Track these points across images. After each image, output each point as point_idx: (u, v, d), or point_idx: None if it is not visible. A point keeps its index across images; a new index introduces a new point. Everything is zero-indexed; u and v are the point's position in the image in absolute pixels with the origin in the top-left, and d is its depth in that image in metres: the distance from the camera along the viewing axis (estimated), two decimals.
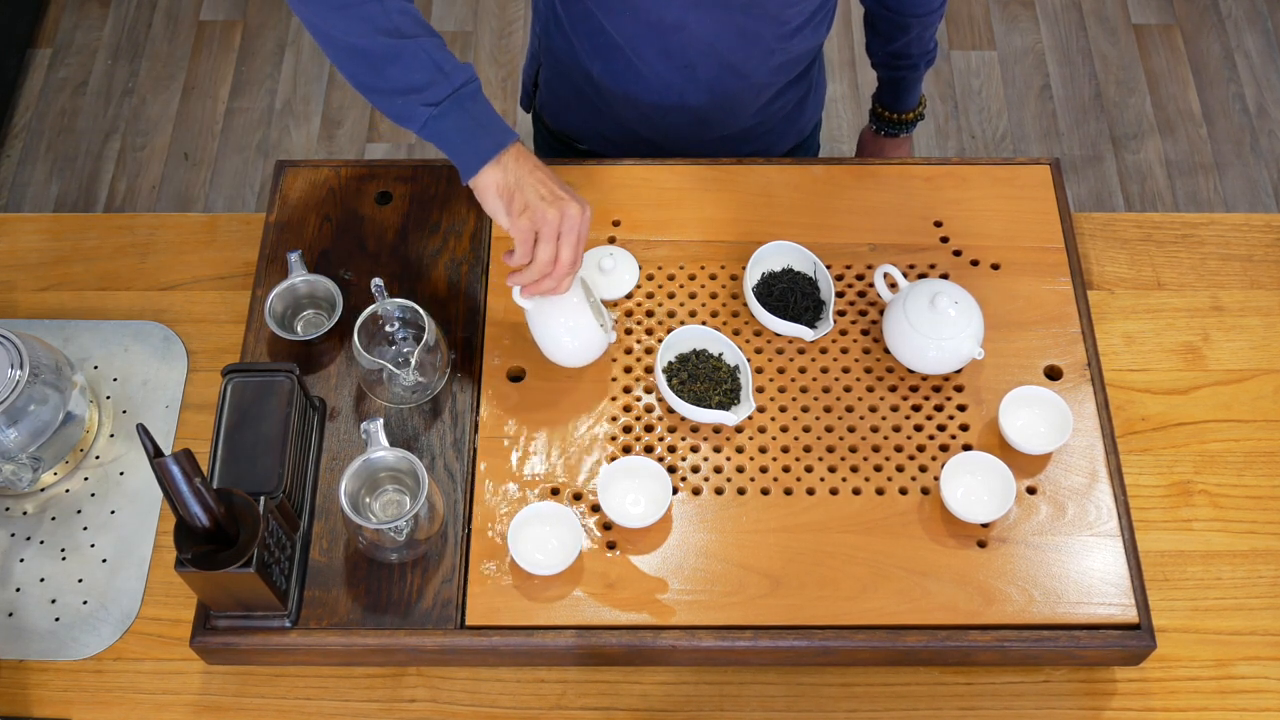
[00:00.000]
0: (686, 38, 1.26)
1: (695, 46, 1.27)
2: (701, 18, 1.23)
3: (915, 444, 1.16)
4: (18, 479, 1.18)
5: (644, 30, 1.26)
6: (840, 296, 1.24)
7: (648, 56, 1.29)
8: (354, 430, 1.17)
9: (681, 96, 1.32)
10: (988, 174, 1.32)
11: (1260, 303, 1.31)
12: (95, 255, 1.35)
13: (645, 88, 1.32)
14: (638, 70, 1.30)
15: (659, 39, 1.26)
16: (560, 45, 1.37)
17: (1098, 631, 1.07)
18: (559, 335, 1.13)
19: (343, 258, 1.27)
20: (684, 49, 1.27)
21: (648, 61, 1.29)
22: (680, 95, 1.32)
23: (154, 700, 1.11)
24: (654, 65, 1.29)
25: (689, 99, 1.33)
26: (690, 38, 1.25)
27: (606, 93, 1.36)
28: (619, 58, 1.30)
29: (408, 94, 1.08)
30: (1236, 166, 2.46)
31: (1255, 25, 2.64)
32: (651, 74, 1.30)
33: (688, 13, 1.22)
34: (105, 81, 2.58)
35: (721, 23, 1.24)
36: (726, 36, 1.25)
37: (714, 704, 1.11)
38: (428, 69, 1.08)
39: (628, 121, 1.39)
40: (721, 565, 1.10)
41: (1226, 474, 1.21)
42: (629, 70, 1.31)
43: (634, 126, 1.39)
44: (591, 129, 1.44)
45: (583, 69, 1.35)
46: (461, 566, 1.10)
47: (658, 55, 1.28)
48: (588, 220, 1.09)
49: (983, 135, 2.51)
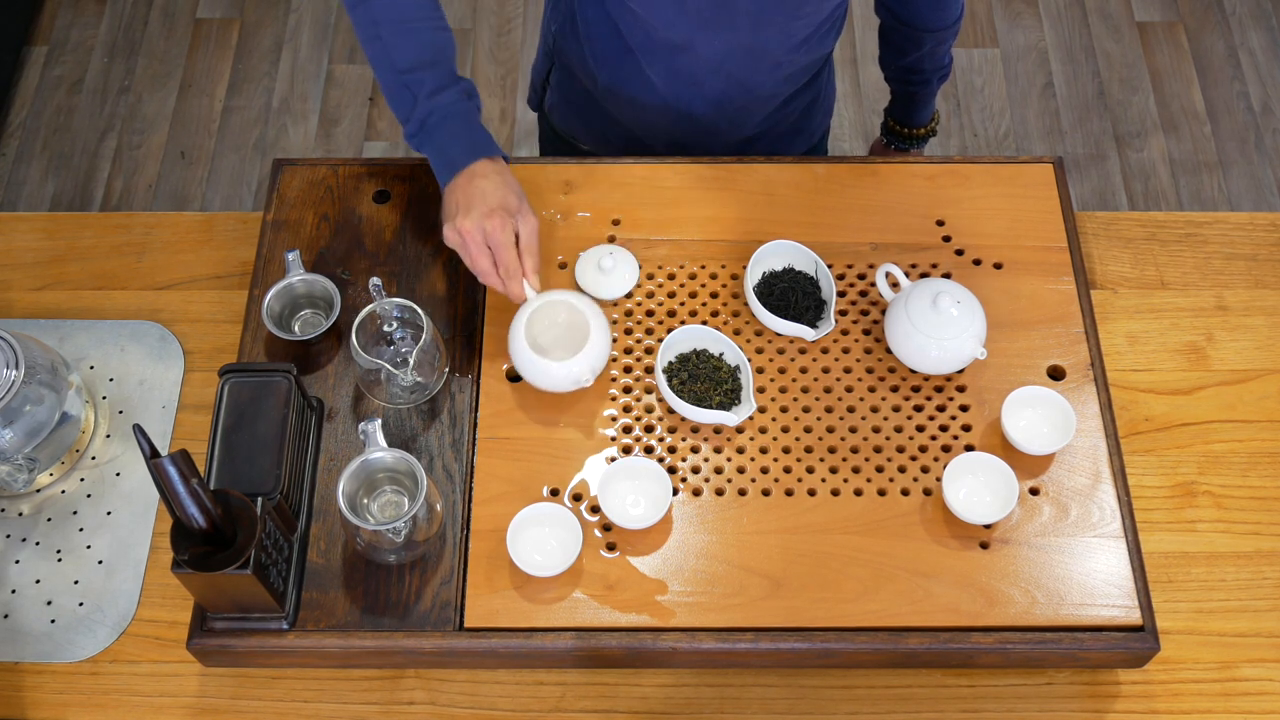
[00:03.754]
0: (693, 57, 1.26)
1: (702, 66, 1.27)
2: (710, 39, 1.23)
3: (917, 444, 1.15)
4: (13, 480, 1.17)
5: (654, 46, 1.27)
6: (842, 296, 1.23)
7: (656, 70, 1.29)
8: (352, 431, 1.16)
9: (688, 107, 1.33)
10: (990, 173, 1.31)
11: (1265, 302, 1.31)
12: (91, 254, 1.34)
13: (652, 98, 1.33)
14: (646, 80, 1.31)
15: (667, 56, 1.27)
16: (572, 49, 1.37)
17: (1101, 633, 1.06)
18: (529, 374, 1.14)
19: (340, 257, 1.26)
20: (691, 68, 1.28)
21: (656, 74, 1.29)
22: (687, 105, 1.33)
23: (150, 703, 1.11)
24: (661, 79, 1.30)
25: (695, 109, 1.33)
26: (696, 58, 1.26)
27: (613, 99, 1.36)
28: (629, 64, 1.30)
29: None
30: (1241, 165, 2.45)
31: (1260, 23, 2.63)
32: (659, 86, 1.31)
33: (695, 33, 1.23)
34: (101, 79, 2.57)
35: (729, 43, 1.24)
36: (734, 55, 1.26)
37: (714, 706, 1.10)
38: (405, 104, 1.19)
39: (633, 128, 1.39)
40: (722, 566, 1.09)
41: (1231, 475, 1.20)
42: (637, 79, 1.31)
43: (639, 133, 1.39)
44: (596, 132, 1.44)
45: (591, 74, 1.36)
46: (460, 568, 1.09)
47: (664, 71, 1.29)
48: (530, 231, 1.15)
49: (985, 134, 2.50)
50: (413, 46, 1.19)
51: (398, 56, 1.18)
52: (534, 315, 1.15)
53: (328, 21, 2.67)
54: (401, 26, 1.18)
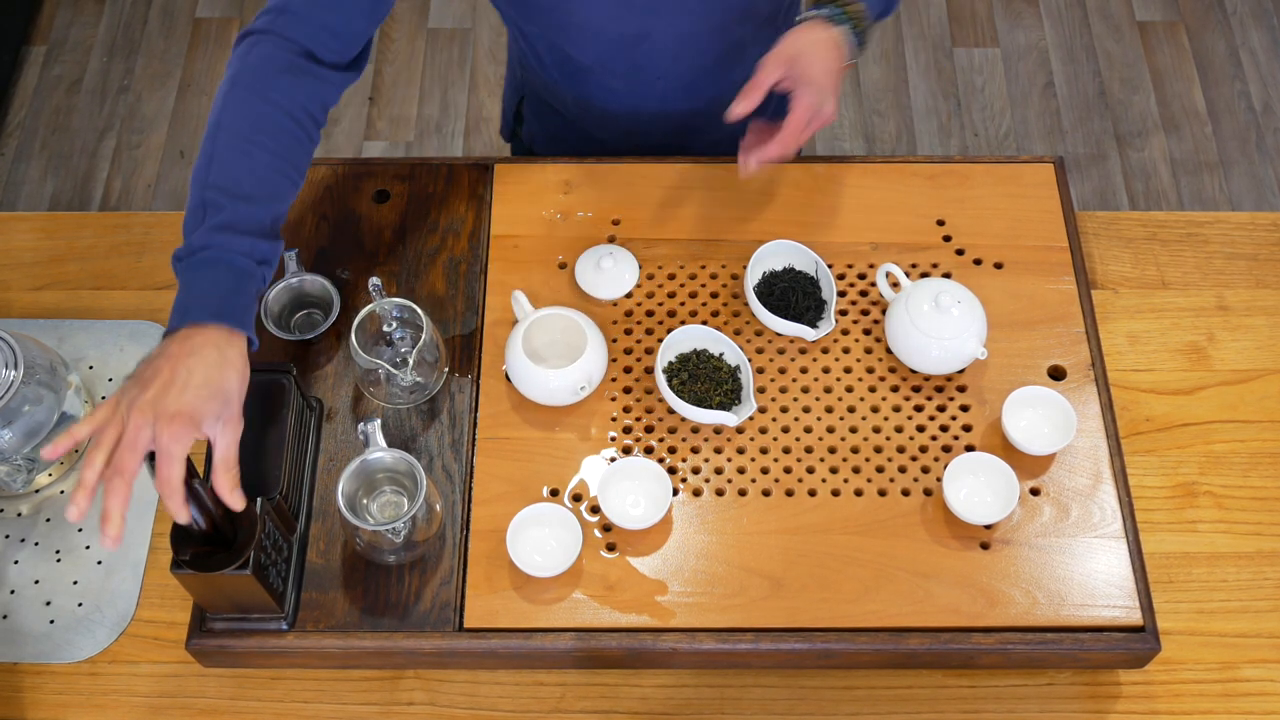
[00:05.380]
0: (651, 47, 1.22)
1: (663, 55, 1.24)
2: (662, 25, 1.19)
3: (918, 444, 1.15)
4: (12, 480, 1.17)
5: (608, 48, 1.23)
6: (842, 296, 1.23)
7: (619, 73, 1.26)
8: (351, 431, 1.16)
9: (662, 105, 1.30)
10: (991, 172, 1.31)
11: (1266, 302, 1.30)
12: (90, 254, 1.34)
13: (624, 105, 1.30)
14: (612, 89, 1.28)
15: (626, 54, 1.24)
16: (537, 78, 1.36)
17: (1102, 634, 1.06)
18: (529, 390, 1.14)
19: (340, 257, 1.26)
20: (652, 60, 1.24)
21: (620, 78, 1.27)
22: (661, 104, 1.30)
23: (149, 704, 1.10)
24: (627, 81, 1.27)
25: (671, 106, 1.30)
26: (655, 46, 1.22)
27: (590, 115, 1.34)
28: (590, 80, 1.28)
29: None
30: (1242, 164, 2.45)
31: (1261, 22, 2.63)
32: (627, 90, 1.28)
33: (647, 20, 1.19)
34: (100, 79, 2.57)
35: (685, 25, 1.20)
36: (695, 38, 1.22)
37: (714, 707, 1.10)
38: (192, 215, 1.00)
39: (618, 139, 1.37)
40: (722, 567, 1.09)
41: (1232, 475, 1.20)
42: (603, 90, 1.29)
43: (623, 144, 1.37)
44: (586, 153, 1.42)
45: (561, 96, 1.34)
46: (460, 568, 1.09)
47: (628, 71, 1.25)
48: (229, 443, 0.94)
49: (986, 133, 2.50)
50: (239, 168, 1.01)
51: (215, 169, 1.00)
52: (530, 330, 1.15)
53: None
54: (239, 142, 1.01)
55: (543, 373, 1.12)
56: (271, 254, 1.02)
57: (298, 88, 1.06)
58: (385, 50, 2.62)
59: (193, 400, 0.92)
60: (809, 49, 1.12)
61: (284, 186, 1.04)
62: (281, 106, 1.04)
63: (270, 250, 1.02)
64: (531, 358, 1.14)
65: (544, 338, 1.17)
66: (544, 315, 1.16)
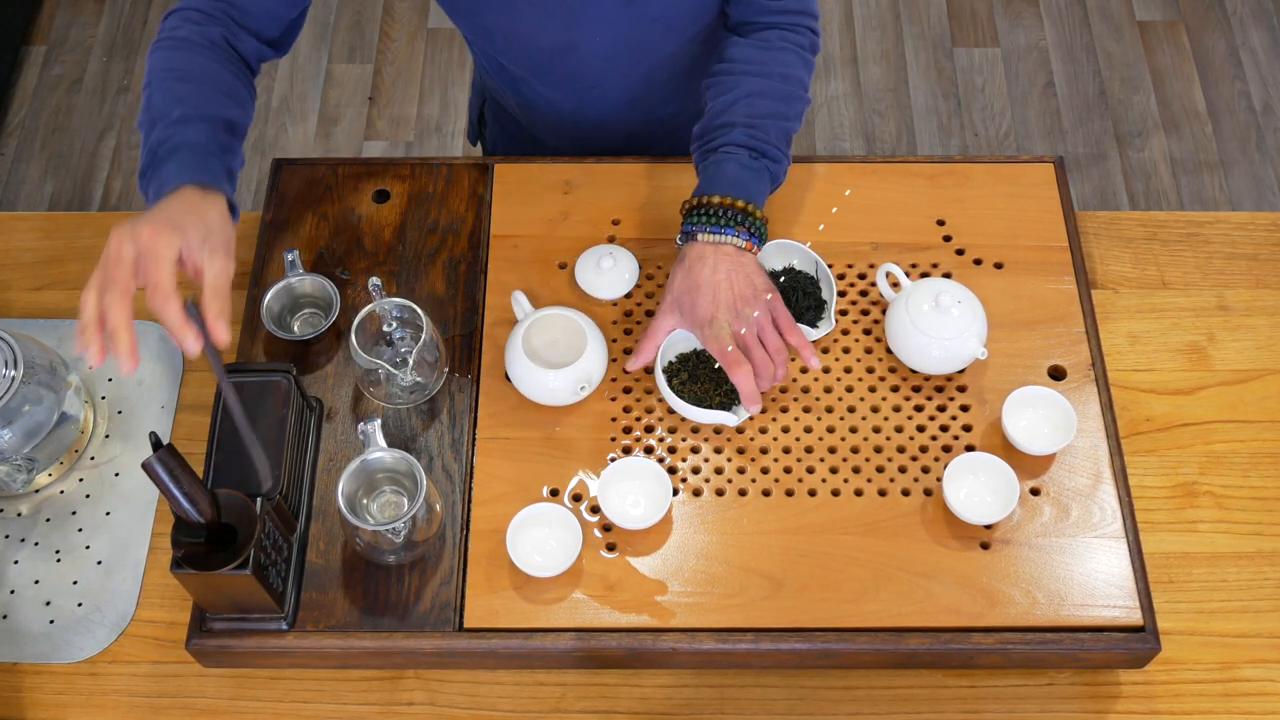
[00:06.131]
0: (580, 58, 1.22)
1: (593, 65, 1.23)
2: (586, 36, 1.18)
3: (918, 444, 1.15)
4: (11, 480, 1.17)
5: (539, 57, 1.23)
6: (842, 296, 1.23)
7: (553, 82, 1.26)
8: (351, 431, 1.16)
9: (603, 114, 1.29)
10: (991, 172, 1.31)
11: (1266, 302, 1.30)
12: (90, 254, 1.34)
13: (565, 113, 1.29)
14: (549, 98, 1.28)
15: (557, 63, 1.23)
16: (490, 81, 1.36)
17: (1102, 634, 1.06)
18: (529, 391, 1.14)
19: (340, 257, 1.26)
20: (584, 69, 1.24)
21: (555, 88, 1.27)
22: (601, 113, 1.29)
23: (149, 704, 1.10)
24: (563, 90, 1.26)
25: (612, 115, 1.29)
26: (583, 56, 1.22)
27: (537, 122, 1.34)
28: (526, 88, 1.28)
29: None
30: (1242, 164, 2.45)
31: (1261, 22, 2.63)
32: (564, 99, 1.27)
33: (572, 33, 1.18)
34: (100, 79, 2.57)
35: (608, 38, 1.19)
36: (621, 51, 1.21)
37: (714, 707, 1.10)
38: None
39: (570, 147, 1.36)
40: (722, 567, 1.09)
41: (1232, 475, 1.20)
42: (542, 99, 1.29)
43: (575, 152, 1.35)
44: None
45: (510, 102, 1.35)
46: (460, 568, 1.09)
47: (562, 80, 1.25)
48: (219, 272, 0.91)
49: (986, 133, 2.50)
50: (179, 92, 1.01)
51: (156, 103, 1.00)
52: (530, 330, 1.15)
53: (327, 21, 2.66)
54: (173, 82, 1.02)
55: (543, 373, 1.12)
56: (231, 145, 0.99)
57: (224, 46, 1.09)
58: (385, 50, 2.62)
59: (171, 214, 0.90)
60: (686, 294, 1.10)
61: (227, 105, 1.03)
62: (210, 55, 1.06)
63: (229, 142, 0.99)
64: (531, 358, 1.14)
65: (544, 338, 1.17)
66: (544, 315, 1.16)
